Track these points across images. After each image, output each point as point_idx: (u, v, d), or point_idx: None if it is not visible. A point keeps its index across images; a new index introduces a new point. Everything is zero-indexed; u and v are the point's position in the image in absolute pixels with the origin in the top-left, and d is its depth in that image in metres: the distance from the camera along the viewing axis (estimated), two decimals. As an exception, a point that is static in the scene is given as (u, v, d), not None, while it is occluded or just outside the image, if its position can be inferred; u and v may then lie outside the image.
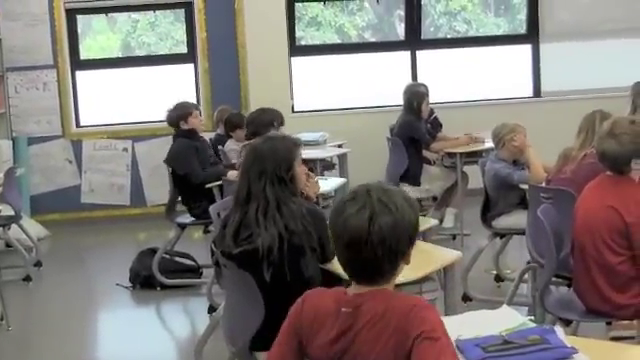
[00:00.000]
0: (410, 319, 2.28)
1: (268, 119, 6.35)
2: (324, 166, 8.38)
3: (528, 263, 5.35)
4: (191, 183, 6.93)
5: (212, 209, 4.81)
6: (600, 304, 4.00)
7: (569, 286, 4.97)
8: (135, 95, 10.29)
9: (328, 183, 6.65)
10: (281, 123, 6.40)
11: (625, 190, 3.95)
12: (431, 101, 8.22)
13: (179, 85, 10.11)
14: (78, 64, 9.87)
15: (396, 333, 2.28)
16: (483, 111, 9.70)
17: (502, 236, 6.17)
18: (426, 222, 4.77)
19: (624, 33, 10.19)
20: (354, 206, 2.37)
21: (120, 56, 10.67)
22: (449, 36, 10.96)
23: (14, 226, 7.65)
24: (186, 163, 6.95)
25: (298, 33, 10.19)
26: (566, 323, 4.09)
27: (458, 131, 8.37)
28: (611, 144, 3.96)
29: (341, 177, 7.73)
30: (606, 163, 4.02)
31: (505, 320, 2.92)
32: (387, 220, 2.34)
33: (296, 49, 9.96)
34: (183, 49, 10.12)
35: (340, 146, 8.76)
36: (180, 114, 7.10)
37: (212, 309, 6.11)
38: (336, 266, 3.78)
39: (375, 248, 2.34)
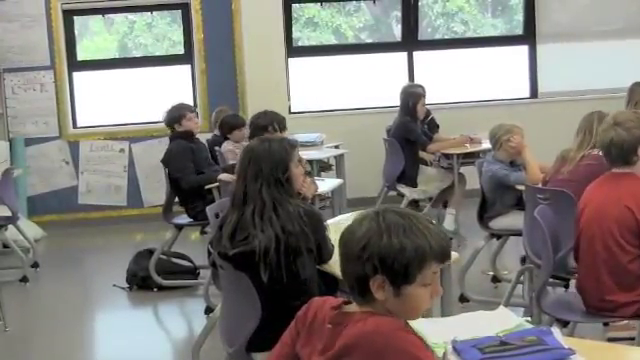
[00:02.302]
0: (390, 346, 2.22)
1: (263, 123, 6.31)
2: (321, 167, 8.38)
3: (522, 263, 5.36)
4: (181, 187, 6.93)
5: (209, 210, 4.81)
6: (602, 302, 3.99)
7: (566, 287, 4.98)
8: (132, 96, 10.28)
9: (325, 184, 6.65)
10: (281, 128, 6.36)
11: (634, 187, 3.94)
12: (428, 102, 8.23)
13: (176, 86, 10.10)
14: (75, 65, 9.87)
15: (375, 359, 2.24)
16: (480, 112, 9.70)
17: (499, 237, 6.17)
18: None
19: (620, 34, 10.21)
20: (357, 219, 2.34)
21: (117, 57, 10.67)
22: (446, 37, 10.97)
23: (11, 227, 7.64)
24: (179, 166, 6.93)
25: (295, 34, 10.20)
26: (563, 324, 4.09)
27: (455, 132, 8.38)
28: (618, 131, 3.95)
29: (338, 178, 7.74)
30: (613, 153, 3.98)
31: (502, 321, 2.93)
32: (350, 235, 2.30)
33: (293, 50, 9.97)
34: (180, 50, 10.12)
35: (337, 147, 8.77)
36: (173, 117, 7.09)
37: (209, 310, 6.11)
38: (333, 267, 3.79)
39: (343, 258, 2.32)
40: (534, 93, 10.31)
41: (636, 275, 3.93)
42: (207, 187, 6.82)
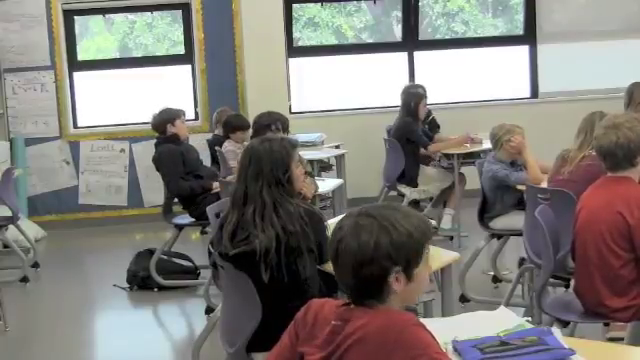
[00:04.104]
0: (401, 341, 2.24)
1: (266, 122, 6.38)
2: (321, 167, 8.38)
3: (522, 262, 5.36)
4: (173, 191, 6.97)
5: (209, 210, 4.81)
6: (598, 306, 4.00)
7: (566, 287, 4.98)
8: (132, 96, 10.28)
9: (325, 184, 6.65)
10: (284, 128, 6.39)
11: (628, 191, 3.93)
12: (428, 102, 8.23)
13: (176, 86, 10.11)
14: (75, 65, 9.86)
15: (384, 353, 2.24)
16: (481, 112, 9.71)
17: (499, 237, 6.17)
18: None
19: (621, 34, 10.21)
20: (343, 227, 2.35)
21: (117, 57, 10.68)
22: (447, 37, 10.97)
23: (11, 227, 7.63)
24: (168, 171, 6.97)
25: (295, 34, 10.20)
26: (563, 324, 4.09)
27: (455, 132, 8.37)
28: (623, 131, 3.91)
29: (338, 178, 7.74)
30: (619, 154, 3.92)
31: (502, 321, 2.92)
32: (353, 242, 2.31)
33: (293, 50, 9.96)
34: (180, 50, 10.11)
35: (337, 147, 8.76)
36: (168, 117, 7.08)
37: (209, 310, 6.11)
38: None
39: (351, 267, 2.32)
40: (535, 93, 10.31)
41: (628, 280, 3.92)
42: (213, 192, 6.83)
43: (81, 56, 10.00)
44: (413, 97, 8.00)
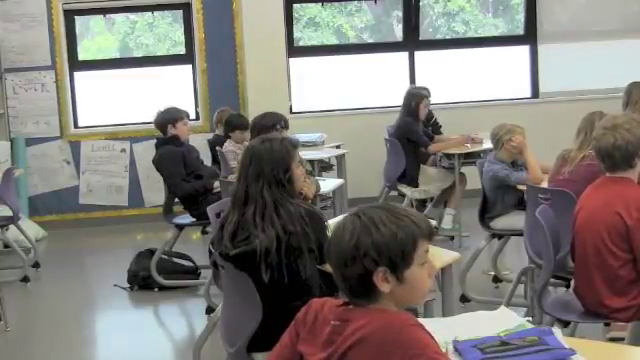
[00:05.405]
0: (399, 342, 2.23)
1: (270, 122, 6.36)
2: (322, 167, 8.38)
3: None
4: (176, 193, 6.97)
5: (210, 210, 4.81)
6: (598, 307, 4.00)
7: (567, 287, 4.98)
8: (133, 96, 10.28)
9: (326, 184, 6.65)
10: (285, 126, 6.40)
11: (626, 192, 3.93)
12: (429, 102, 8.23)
13: (177, 86, 10.11)
14: (76, 65, 9.86)
15: (383, 353, 2.24)
16: (481, 112, 9.71)
17: (500, 237, 6.17)
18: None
19: (622, 34, 10.22)
20: (338, 226, 2.37)
21: (118, 57, 10.68)
22: (447, 37, 10.97)
23: (12, 227, 7.64)
24: (170, 173, 6.97)
25: (296, 34, 10.19)
26: (564, 324, 4.09)
27: (456, 132, 8.39)
28: (621, 133, 3.90)
29: (339, 178, 7.74)
30: (617, 156, 3.92)
31: (503, 321, 2.92)
32: (337, 242, 2.32)
33: (294, 50, 9.96)
34: (181, 50, 10.11)
35: (338, 147, 8.76)
36: (170, 118, 7.09)
37: (210, 310, 6.11)
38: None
39: (336, 266, 2.34)
40: (535, 93, 10.31)
41: (627, 280, 3.92)
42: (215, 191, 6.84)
43: (82, 56, 10.00)
44: (414, 97, 8.02)
